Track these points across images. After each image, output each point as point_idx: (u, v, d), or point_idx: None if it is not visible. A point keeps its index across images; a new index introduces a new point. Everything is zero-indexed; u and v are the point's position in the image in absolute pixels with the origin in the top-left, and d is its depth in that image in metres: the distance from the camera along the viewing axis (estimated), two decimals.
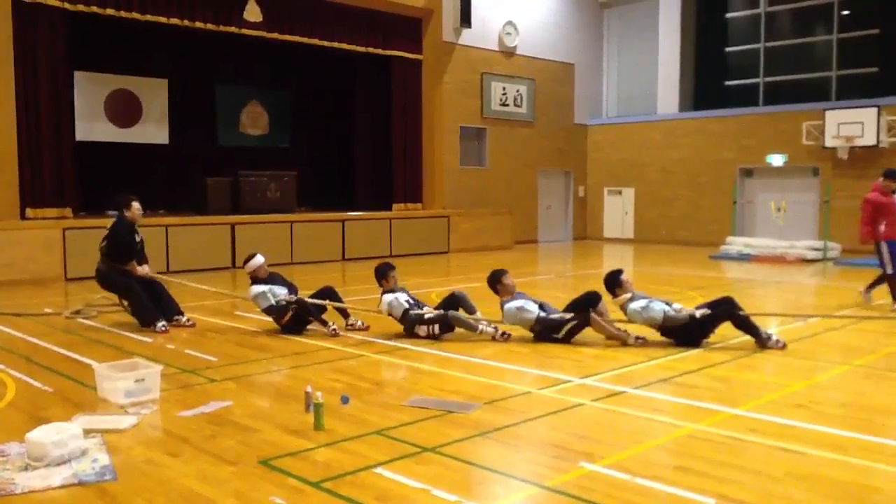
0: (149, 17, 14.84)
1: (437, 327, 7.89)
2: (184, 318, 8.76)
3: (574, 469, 4.20)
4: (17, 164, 13.49)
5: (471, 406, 5.38)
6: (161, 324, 8.42)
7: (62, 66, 14.28)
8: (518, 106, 21.72)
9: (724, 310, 7.45)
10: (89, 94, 16.61)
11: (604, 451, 4.47)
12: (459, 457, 4.41)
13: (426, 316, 7.95)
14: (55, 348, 7.57)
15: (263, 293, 8.35)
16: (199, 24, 15.56)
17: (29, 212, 13.70)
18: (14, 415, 5.32)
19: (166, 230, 14.38)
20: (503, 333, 7.75)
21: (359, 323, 8.36)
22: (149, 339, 8.02)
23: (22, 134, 13.58)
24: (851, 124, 18.31)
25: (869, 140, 18.12)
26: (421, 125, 19.59)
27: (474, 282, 11.79)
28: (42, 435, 4.34)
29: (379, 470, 4.18)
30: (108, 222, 14.07)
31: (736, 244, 17.77)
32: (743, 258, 16.84)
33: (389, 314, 8.12)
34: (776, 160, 19.95)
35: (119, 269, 8.66)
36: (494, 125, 21.21)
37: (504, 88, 21.29)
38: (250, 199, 16.38)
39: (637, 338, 7.53)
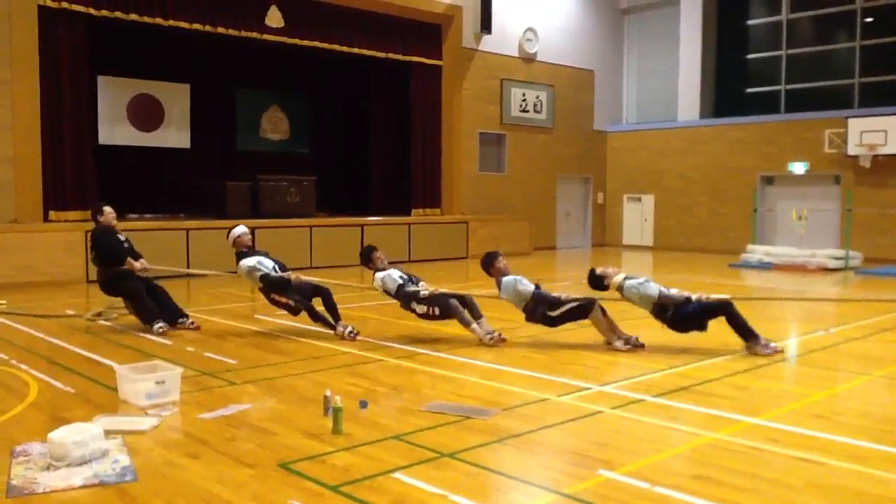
0: (171, 23, 14.98)
1: (436, 309, 7.92)
2: (188, 321, 8.80)
3: (593, 477, 4.19)
4: (40, 167, 13.64)
5: (489, 412, 5.38)
6: (158, 325, 8.45)
7: (85, 70, 14.45)
8: (538, 112, 21.71)
9: (722, 304, 7.37)
10: (112, 99, 16.78)
11: (623, 459, 4.45)
12: (477, 463, 4.40)
13: (422, 293, 8.00)
14: (77, 350, 7.64)
15: (255, 266, 8.44)
16: (220, 30, 15.67)
17: (51, 214, 13.85)
18: (36, 415, 5.38)
19: (187, 233, 14.48)
20: (492, 337, 7.77)
21: (348, 329, 8.24)
22: (169, 342, 8.07)
23: (45, 137, 13.74)
24: (874, 132, 18.16)
25: (892, 148, 17.95)
26: (440, 131, 19.62)
27: (493, 287, 11.77)
28: (64, 435, 4.38)
29: (397, 475, 4.18)
30: (130, 225, 14.29)
31: (756, 252, 17.63)
32: (763, 267, 16.71)
33: (384, 290, 8.21)
34: (798, 168, 19.81)
35: (119, 273, 8.70)
36: (514, 131, 21.20)
37: (524, 95, 21.29)
38: (269, 204, 16.46)
39: (635, 340, 7.57)
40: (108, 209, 8.97)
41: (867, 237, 18.07)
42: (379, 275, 8.29)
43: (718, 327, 8.79)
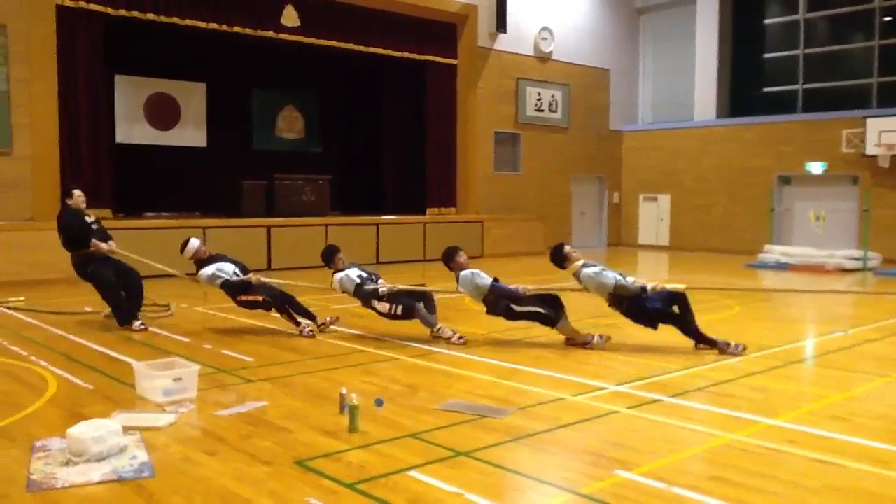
0: (188, 22, 15.05)
1: (398, 309, 7.97)
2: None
3: (609, 477, 4.18)
4: (58, 166, 13.74)
5: (504, 411, 5.38)
6: (138, 323, 8.55)
7: (103, 69, 14.55)
8: (553, 111, 21.67)
9: (678, 315, 7.42)
10: (129, 97, 16.89)
11: (639, 459, 4.44)
12: (493, 462, 4.40)
13: (381, 290, 8.06)
14: (94, 346, 7.69)
15: (214, 273, 8.57)
16: (236, 29, 15.74)
17: (97, 217, 13.92)
18: (55, 411, 5.42)
19: (203, 232, 14.55)
20: (460, 337, 7.85)
21: (328, 319, 8.46)
22: (186, 339, 8.11)
23: (63, 136, 13.84)
24: (893, 132, 18.01)
25: None
26: (455, 130, 19.62)
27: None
28: (82, 431, 4.41)
29: (413, 473, 4.19)
30: (146, 223, 14.39)
31: (773, 253, 17.54)
32: (780, 267, 16.63)
33: (343, 291, 8.32)
34: (815, 168, 19.68)
35: (90, 257, 8.70)
36: (529, 130, 21.18)
37: (539, 94, 21.25)
38: (285, 203, 16.51)
39: (601, 336, 7.63)
40: (77, 192, 8.96)
41: (886, 238, 17.91)
42: (337, 276, 8.40)
43: (734, 327, 8.77)
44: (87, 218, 8.93)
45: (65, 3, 13.63)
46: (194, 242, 8.86)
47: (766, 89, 22.01)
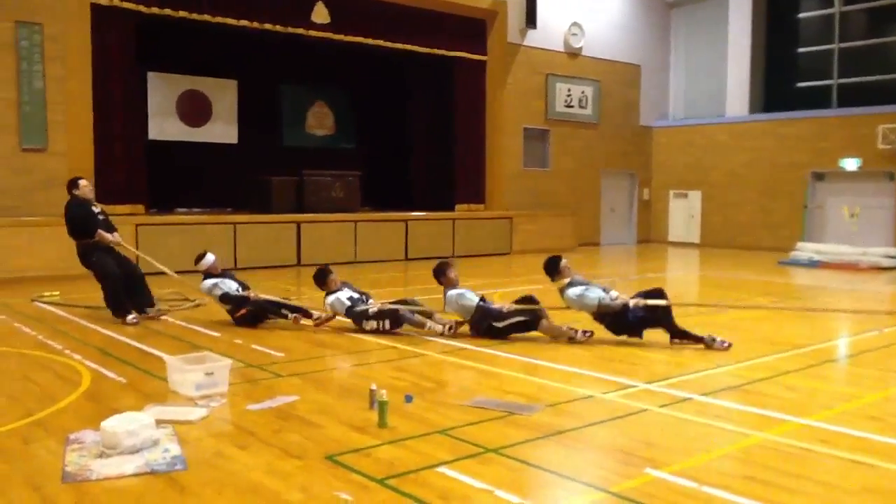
0: (219, 19, 15.15)
1: (386, 323, 8.07)
2: (153, 310, 9.03)
3: (639, 475, 4.15)
4: (92, 162, 13.91)
5: (533, 408, 5.36)
6: (132, 316, 8.65)
7: (136, 66, 14.71)
8: (583, 107, 21.55)
9: (659, 318, 7.46)
10: (161, 94, 17.05)
11: (670, 458, 4.40)
12: (522, 458, 4.39)
13: (370, 311, 8.17)
14: (128, 340, 7.78)
15: (215, 284, 8.80)
16: (267, 26, 15.82)
17: (102, 208, 14.11)
18: (89, 404, 5.50)
19: (234, 228, 14.68)
20: (450, 327, 7.94)
21: (323, 316, 8.56)
22: (217, 334, 8.19)
23: (97, 133, 14.02)
24: None
25: None
26: (484, 126, 19.58)
27: (536, 283, 11.74)
28: (116, 424, 4.47)
29: (442, 469, 4.19)
30: (178, 219, 14.53)
31: (806, 250, 17.30)
32: (812, 265, 16.40)
33: (335, 313, 8.45)
34: (850, 164, 19.38)
35: (96, 247, 8.83)
36: (558, 127, 21.07)
37: (569, 90, 21.14)
38: (314, 199, 16.58)
39: (585, 332, 7.63)
40: (83, 182, 9.08)
41: None
42: (329, 299, 8.51)
43: (770, 325, 8.68)
44: (93, 208, 9.05)
45: (99, 2, 13.79)
46: (210, 258, 9.08)
47: (799, 84, 21.70)
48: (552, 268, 7.96)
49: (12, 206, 13.07)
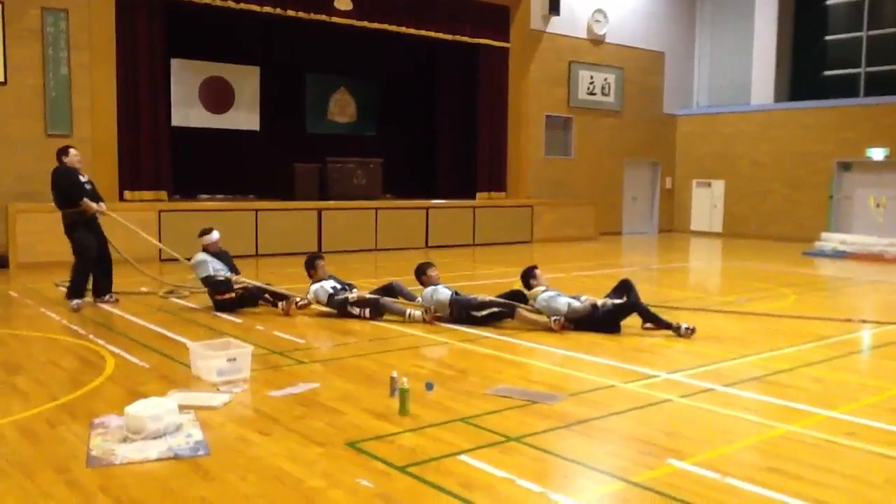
0: (242, 6, 15.17)
1: (367, 311, 8.23)
2: (109, 297, 9.20)
3: (662, 465, 4.13)
4: (116, 148, 14.02)
5: (555, 397, 5.35)
6: (77, 302, 8.74)
7: (160, 53, 14.78)
8: (606, 95, 21.39)
9: (629, 305, 7.68)
10: (185, 81, 17.10)
11: (692, 448, 4.38)
12: (544, 447, 4.38)
13: (350, 299, 8.33)
14: (151, 326, 7.85)
15: (205, 262, 8.94)
16: (290, 13, 15.82)
17: (126, 194, 14.23)
18: (113, 389, 5.55)
19: (256, 214, 14.74)
20: (426, 310, 8.08)
21: (301, 299, 8.70)
22: (239, 320, 8.23)
23: (121, 119, 14.11)
24: None
25: None
26: (506, 114, 19.49)
27: (558, 272, 11.71)
28: (140, 409, 4.51)
29: (463, 457, 4.19)
30: (201, 205, 14.61)
31: (831, 241, 17.10)
32: (838, 255, 16.22)
33: (317, 302, 8.60)
34: (877, 154, 19.12)
35: (83, 221, 8.90)
36: (581, 114, 20.94)
37: (592, 77, 21.00)
38: (337, 186, 16.61)
39: (556, 319, 7.66)
40: (73, 150, 9.14)
41: None
42: (313, 286, 8.68)
43: (784, 318, 8.60)
44: (80, 177, 9.10)
45: None
46: (215, 235, 9.20)
47: (827, 72, 21.42)
48: (528, 275, 8.25)
49: (38, 191, 13.18)
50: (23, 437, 4.51)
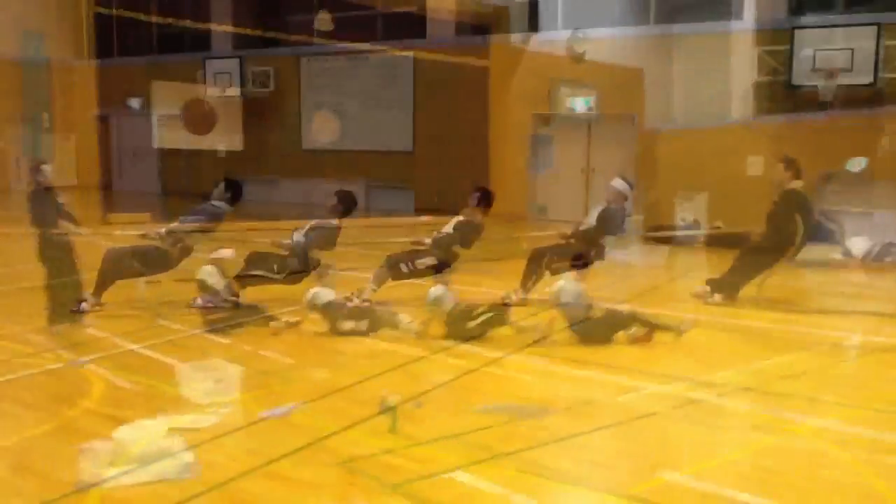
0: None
1: (364, 324, 8.08)
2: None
3: (653, 478, 4.13)
4: None
5: (546, 412, 5.34)
6: (82, 305, 8.69)
7: None
8: (590, 110, 21.50)
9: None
10: None
11: (684, 460, 4.39)
12: (536, 463, 4.38)
13: (348, 305, 8.34)
14: (137, 348, 7.74)
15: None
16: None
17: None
18: (100, 413, 5.48)
19: None
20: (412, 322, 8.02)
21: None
22: (226, 341, 8.14)
23: None
24: None
25: None
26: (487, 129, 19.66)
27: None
28: (128, 433, 4.47)
29: (456, 474, 4.18)
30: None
31: None
32: None
33: (312, 309, 8.32)
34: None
35: (55, 242, 8.74)
36: (559, 131, 21.01)
37: (572, 94, 21.07)
38: None
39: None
40: (45, 167, 8.89)
41: None
42: (312, 290, 8.45)
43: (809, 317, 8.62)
44: (58, 199, 8.91)
45: None
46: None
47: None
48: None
49: None
50: (9, 463, 4.45)
